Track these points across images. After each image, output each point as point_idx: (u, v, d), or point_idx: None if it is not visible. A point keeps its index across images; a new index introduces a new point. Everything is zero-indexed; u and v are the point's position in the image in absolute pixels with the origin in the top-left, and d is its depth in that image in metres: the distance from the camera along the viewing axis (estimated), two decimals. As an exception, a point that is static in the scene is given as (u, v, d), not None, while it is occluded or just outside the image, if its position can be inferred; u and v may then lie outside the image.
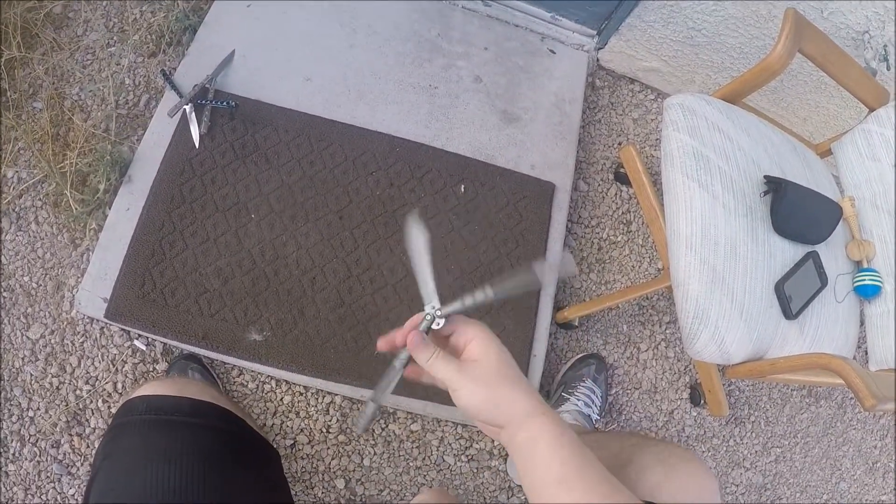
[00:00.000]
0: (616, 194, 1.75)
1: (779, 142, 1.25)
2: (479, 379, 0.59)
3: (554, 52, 1.74)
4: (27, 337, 1.35)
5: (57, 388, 1.34)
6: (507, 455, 1.48)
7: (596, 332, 1.61)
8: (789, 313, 1.09)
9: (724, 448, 1.66)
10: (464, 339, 0.62)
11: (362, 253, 1.42)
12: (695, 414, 1.64)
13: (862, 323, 1.23)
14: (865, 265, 1.21)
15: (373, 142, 1.51)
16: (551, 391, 1.52)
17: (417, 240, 0.63)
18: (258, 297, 1.35)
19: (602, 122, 1.82)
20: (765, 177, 1.15)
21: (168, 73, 1.50)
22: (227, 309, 1.33)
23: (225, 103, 1.45)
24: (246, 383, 1.40)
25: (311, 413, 1.41)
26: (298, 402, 1.41)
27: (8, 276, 1.37)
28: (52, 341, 1.36)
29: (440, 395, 1.35)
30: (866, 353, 1.20)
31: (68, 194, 1.40)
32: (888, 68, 1.45)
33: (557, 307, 1.55)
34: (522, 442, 0.58)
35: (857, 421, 1.81)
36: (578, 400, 1.44)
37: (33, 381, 1.33)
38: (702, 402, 1.61)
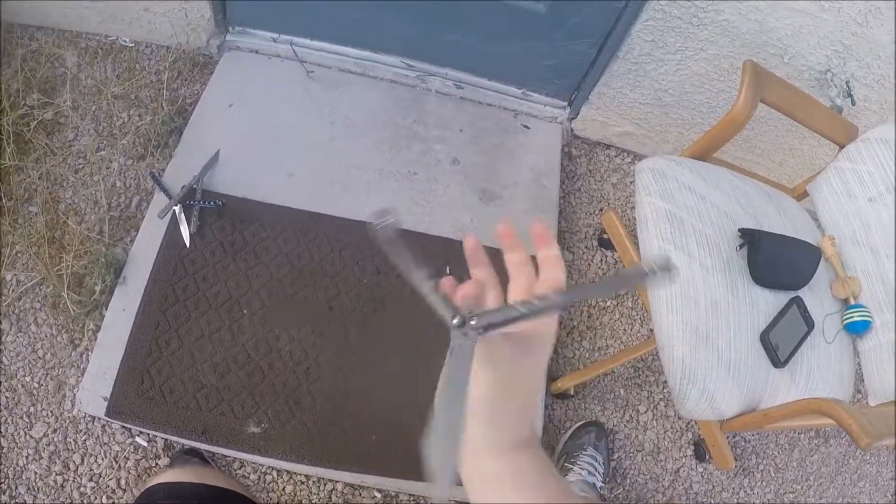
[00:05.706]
0: (601, 260, 1.76)
1: (752, 192, 1.25)
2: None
3: (528, 128, 1.78)
4: (30, 436, 1.36)
5: (61, 485, 1.34)
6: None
7: (593, 398, 1.61)
8: (777, 362, 1.09)
9: (735, 501, 1.63)
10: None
11: (354, 341, 1.44)
12: (701, 470, 1.62)
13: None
14: (853, 302, 1.20)
15: (357, 232, 1.54)
16: (553, 463, 1.52)
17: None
18: (254, 390, 1.37)
19: (582, 190, 1.84)
20: (739, 230, 1.15)
21: (157, 175, 1.54)
22: (224, 403, 1.35)
23: (212, 203, 1.50)
24: (248, 475, 1.41)
25: (313, 501, 1.41)
26: (300, 490, 1.41)
27: (10, 376, 1.39)
28: (56, 439, 1.37)
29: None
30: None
31: (66, 296, 1.43)
32: (853, 103, 1.45)
33: (551, 377, 1.56)
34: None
35: (871, 455, 1.78)
36: (582, 469, 1.43)
37: (38, 479, 1.34)
38: (707, 457, 1.59)
